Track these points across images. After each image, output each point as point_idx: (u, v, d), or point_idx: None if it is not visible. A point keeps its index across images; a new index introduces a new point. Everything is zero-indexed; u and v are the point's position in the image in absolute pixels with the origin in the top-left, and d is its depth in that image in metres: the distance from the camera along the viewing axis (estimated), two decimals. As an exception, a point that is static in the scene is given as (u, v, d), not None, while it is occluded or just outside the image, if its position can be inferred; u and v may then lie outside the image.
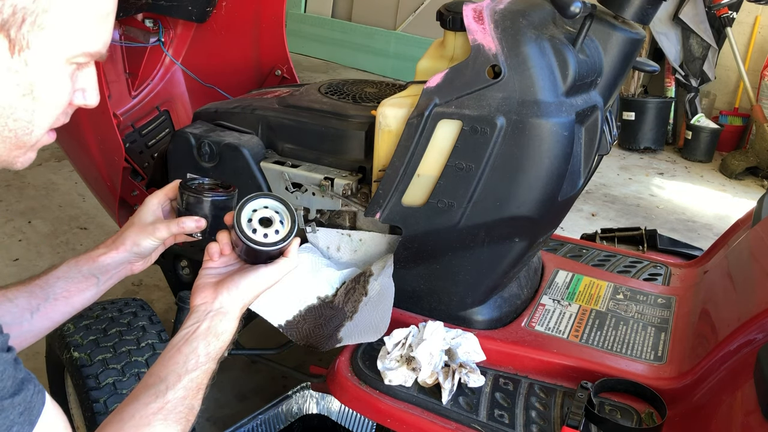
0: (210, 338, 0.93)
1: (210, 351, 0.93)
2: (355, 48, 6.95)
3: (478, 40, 1.18)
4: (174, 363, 0.89)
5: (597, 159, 1.43)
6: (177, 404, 0.86)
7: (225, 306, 0.96)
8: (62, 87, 0.73)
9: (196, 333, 0.93)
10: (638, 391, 1.24)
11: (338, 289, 1.45)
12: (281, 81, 2.15)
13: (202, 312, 0.96)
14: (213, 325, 0.94)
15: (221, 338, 0.95)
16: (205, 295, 0.97)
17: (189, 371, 0.89)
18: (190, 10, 2.07)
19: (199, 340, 0.92)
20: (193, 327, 0.94)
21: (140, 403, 0.84)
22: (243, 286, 0.98)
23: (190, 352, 0.91)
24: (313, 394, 1.65)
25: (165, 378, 0.87)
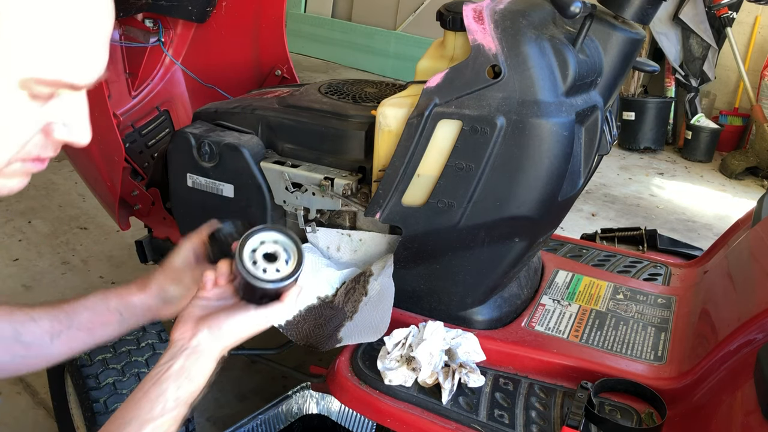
0: (182, 380, 0.85)
1: (180, 395, 0.85)
2: (355, 48, 6.95)
3: (478, 40, 1.19)
4: (139, 408, 0.82)
5: (597, 159, 1.43)
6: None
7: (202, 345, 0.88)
8: (16, 118, 0.61)
9: (167, 373, 0.85)
10: (638, 391, 1.24)
11: (338, 289, 1.45)
12: (281, 81, 2.15)
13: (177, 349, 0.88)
14: (187, 365, 0.86)
15: (194, 381, 0.87)
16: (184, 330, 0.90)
17: (154, 418, 0.81)
18: (190, 10, 2.07)
19: (170, 382, 0.85)
20: (165, 366, 0.86)
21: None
22: (226, 328, 0.90)
23: (158, 395, 0.83)
24: (313, 394, 1.65)
25: (126, 424, 0.80)
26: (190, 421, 1.57)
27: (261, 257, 0.92)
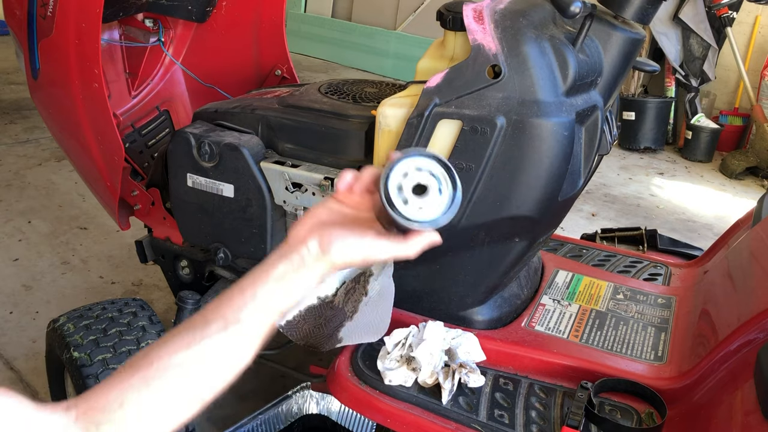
0: (277, 288, 0.77)
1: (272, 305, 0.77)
2: (355, 48, 6.95)
3: (478, 40, 1.18)
4: (229, 306, 0.76)
5: (597, 159, 1.43)
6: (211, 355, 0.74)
7: (306, 257, 0.77)
8: None
9: (268, 277, 0.77)
10: (638, 391, 1.24)
11: (338, 289, 1.45)
12: (281, 81, 2.15)
13: (285, 251, 0.79)
14: (288, 275, 0.77)
15: (290, 293, 0.78)
16: (299, 231, 0.79)
17: (239, 321, 0.75)
18: (190, 10, 2.07)
19: (266, 287, 0.77)
20: (269, 267, 0.78)
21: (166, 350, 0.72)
22: (338, 245, 0.77)
23: (251, 297, 0.76)
24: (313, 394, 1.65)
25: (212, 320, 0.75)
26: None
27: (410, 192, 0.75)
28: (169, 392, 0.72)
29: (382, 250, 0.78)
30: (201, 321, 0.76)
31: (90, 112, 1.66)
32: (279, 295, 0.77)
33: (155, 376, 0.71)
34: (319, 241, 0.77)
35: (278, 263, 0.78)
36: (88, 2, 1.50)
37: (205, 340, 0.74)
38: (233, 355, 0.77)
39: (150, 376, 0.70)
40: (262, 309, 0.77)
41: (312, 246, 0.77)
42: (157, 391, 0.71)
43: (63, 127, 1.87)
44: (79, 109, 1.67)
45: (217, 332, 0.75)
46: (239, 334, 0.76)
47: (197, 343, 0.74)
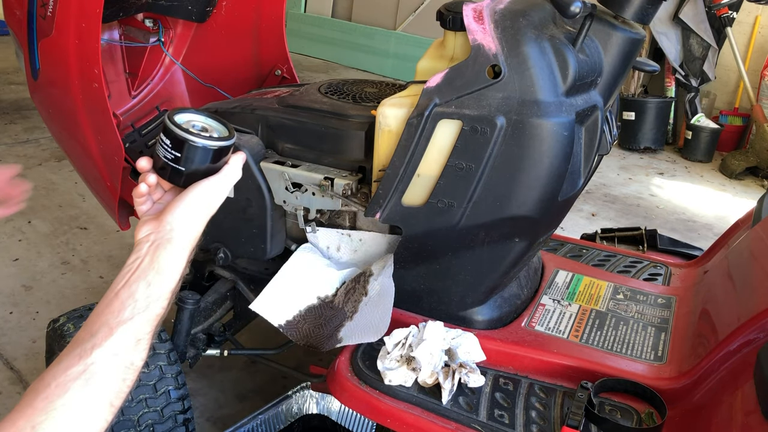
0: (151, 276, 0.80)
1: (151, 293, 0.79)
2: (355, 48, 6.95)
3: (478, 40, 1.18)
4: (108, 312, 0.77)
5: (597, 159, 1.43)
6: (105, 364, 0.73)
7: (173, 229, 0.82)
8: None
9: (135, 273, 0.80)
10: (638, 391, 1.24)
11: (338, 289, 1.45)
12: (281, 81, 2.15)
13: (143, 245, 0.82)
14: (156, 257, 0.80)
15: (165, 274, 0.80)
16: (148, 227, 0.83)
17: (123, 321, 0.76)
18: (190, 10, 2.07)
19: (139, 280, 0.79)
20: (133, 266, 0.81)
21: (60, 368, 0.72)
22: (188, 202, 0.83)
23: (127, 297, 0.78)
24: (313, 394, 1.65)
25: (95, 333, 0.75)
26: (190, 421, 1.57)
27: (193, 129, 0.85)
28: (73, 407, 0.70)
29: (219, 184, 0.86)
30: (86, 334, 0.76)
31: (90, 112, 1.66)
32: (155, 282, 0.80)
33: (57, 394, 0.70)
34: (171, 212, 0.83)
35: (139, 259, 0.81)
36: (88, 2, 1.50)
37: (95, 350, 0.74)
38: (125, 358, 0.76)
39: (52, 395, 0.70)
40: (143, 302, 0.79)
41: (166, 226, 0.83)
42: (62, 409, 0.70)
43: (63, 127, 1.87)
44: (79, 109, 1.67)
45: (104, 339, 0.75)
46: (127, 334, 0.77)
47: (88, 355, 0.73)
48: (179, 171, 0.84)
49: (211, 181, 0.87)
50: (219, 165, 0.88)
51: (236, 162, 0.91)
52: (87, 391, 0.71)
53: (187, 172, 0.85)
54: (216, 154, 0.86)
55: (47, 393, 0.70)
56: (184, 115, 0.87)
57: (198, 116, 0.88)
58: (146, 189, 0.88)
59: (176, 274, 0.83)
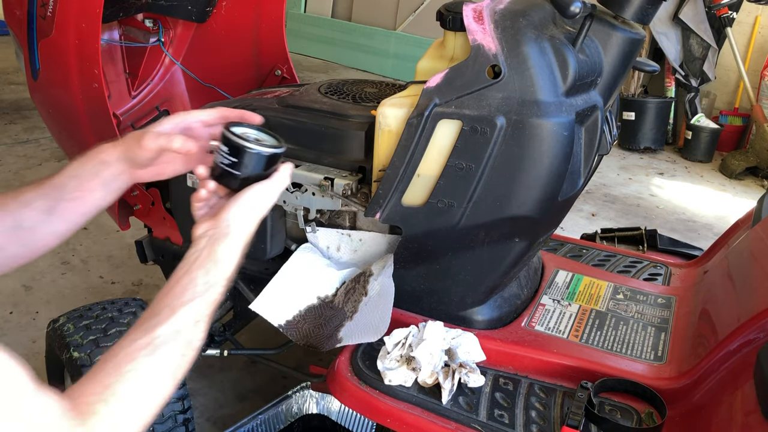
0: (209, 265, 0.89)
1: (209, 279, 0.88)
2: (355, 48, 6.95)
3: (478, 40, 1.19)
4: (171, 296, 0.86)
5: (597, 159, 1.43)
6: (168, 338, 0.81)
7: (230, 225, 0.92)
8: None
9: (195, 263, 0.89)
10: (638, 391, 1.24)
11: (338, 289, 1.45)
12: (281, 81, 2.15)
13: (202, 240, 0.91)
14: (214, 250, 0.90)
15: (222, 264, 0.89)
16: (207, 224, 0.93)
17: (185, 303, 0.84)
18: (190, 10, 2.07)
19: (199, 270, 0.88)
20: (192, 257, 0.90)
21: (128, 340, 0.79)
22: (244, 201, 0.93)
23: (188, 283, 0.87)
24: (313, 394, 1.65)
25: (158, 313, 0.83)
26: (190, 421, 1.57)
27: (248, 139, 0.95)
28: (141, 373, 0.77)
29: (271, 188, 0.96)
30: (150, 314, 0.84)
31: (90, 112, 1.66)
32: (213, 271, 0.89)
33: (126, 361, 0.77)
34: (228, 209, 0.92)
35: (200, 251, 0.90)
36: (88, 2, 1.50)
37: (159, 326, 0.82)
38: (185, 336, 0.84)
39: (121, 361, 0.77)
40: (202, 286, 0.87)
41: (223, 221, 0.92)
42: (131, 373, 0.76)
43: (63, 127, 1.87)
44: (79, 109, 1.67)
45: (167, 318, 0.83)
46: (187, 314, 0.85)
47: (153, 330, 0.81)
48: (235, 176, 0.95)
49: (264, 185, 0.96)
50: (270, 172, 0.97)
51: (285, 170, 0.99)
52: (152, 360, 0.78)
53: (242, 176, 0.95)
54: (268, 161, 0.96)
55: (116, 360, 0.76)
56: (240, 127, 0.97)
57: (251, 129, 0.98)
58: (206, 194, 0.98)
59: (232, 265, 0.91)
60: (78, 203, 1.02)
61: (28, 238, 1.01)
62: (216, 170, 0.96)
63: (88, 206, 1.03)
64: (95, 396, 0.72)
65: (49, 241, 1.03)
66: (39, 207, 1.00)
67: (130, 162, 1.02)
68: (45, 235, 1.02)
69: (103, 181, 1.02)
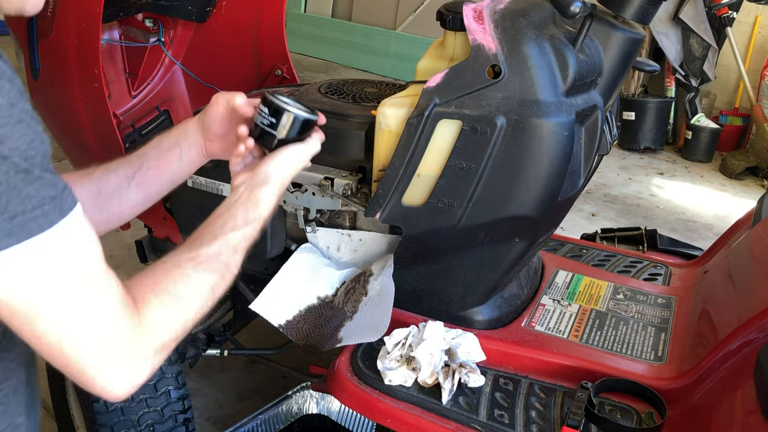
0: (249, 205, 0.95)
1: (249, 216, 0.94)
2: (355, 48, 6.95)
3: (478, 40, 1.18)
4: (211, 226, 0.92)
5: (597, 159, 1.43)
6: (210, 257, 0.87)
7: (268, 175, 0.98)
8: None
9: (236, 203, 0.95)
10: (638, 391, 1.24)
11: (338, 289, 1.45)
12: (281, 81, 2.15)
13: (241, 187, 0.98)
14: (253, 194, 0.96)
15: (261, 204, 0.96)
16: (245, 175, 0.99)
17: (226, 232, 0.91)
18: (190, 10, 2.07)
19: (239, 208, 0.95)
20: (232, 199, 0.96)
21: (174, 254, 0.86)
22: (282, 156, 1.00)
23: (229, 217, 0.93)
24: (313, 394, 1.65)
25: (201, 237, 0.90)
26: (190, 421, 1.57)
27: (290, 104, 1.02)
28: (187, 278, 0.83)
29: (305, 149, 1.04)
30: (193, 239, 0.90)
31: (90, 112, 1.66)
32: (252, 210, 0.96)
33: (174, 265, 0.84)
34: (268, 161, 0.99)
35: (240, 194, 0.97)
36: (88, 2, 1.50)
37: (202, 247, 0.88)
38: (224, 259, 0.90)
39: (170, 267, 0.84)
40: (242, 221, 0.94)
41: (265, 167, 0.99)
42: (180, 277, 0.83)
43: (63, 127, 1.87)
44: (79, 109, 1.67)
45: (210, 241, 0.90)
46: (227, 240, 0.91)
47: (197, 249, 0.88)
48: (273, 135, 1.02)
49: (298, 146, 1.03)
50: (303, 137, 1.04)
51: (317, 137, 1.07)
52: (197, 271, 0.85)
53: (279, 137, 1.02)
54: (303, 125, 1.03)
55: (165, 267, 0.83)
56: (281, 95, 1.03)
57: (290, 99, 1.04)
58: (244, 150, 1.02)
59: (269, 207, 0.98)
60: (155, 172, 1.07)
61: (106, 204, 1.04)
62: (256, 130, 1.02)
63: (164, 176, 1.08)
64: (147, 288, 0.78)
65: (124, 210, 1.07)
66: (122, 174, 1.05)
67: (204, 130, 1.09)
68: (121, 202, 1.05)
69: (180, 152, 1.08)
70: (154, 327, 0.76)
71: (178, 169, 1.10)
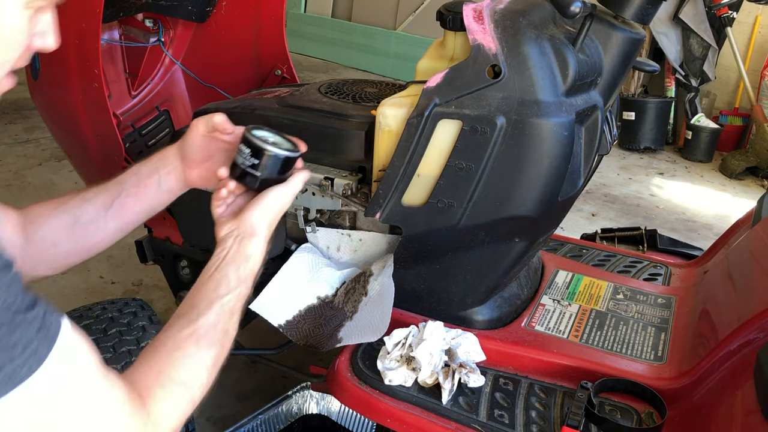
0: (239, 261, 0.94)
1: (241, 274, 0.93)
2: (355, 48, 6.95)
3: (478, 39, 1.19)
4: (205, 290, 0.91)
5: (597, 159, 1.43)
6: (209, 329, 0.86)
7: (254, 226, 0.97)
8: (20, 31, 0.71)
9: (225, 259, 0.94)
10: (638, 391, 1.24)
11: (338, 289, 1.45)
12: (281, 81, 2.15)
13: (229, 239, 0.96)
14: (242, 248, 0.95)
15: (251, 260, 0.95)
16: (230, 225, 0.97)
17: (221, 296, 0.90)
18: (190, 10, 2.07)
19: (229, 266, 0.93)
20: (222, 254, 0.95)
21: (172, 330, 0.85)
22: (266, 203, 0.98)
23: (221, 278, 0.92)
24: (313, 394, 1.65)
25: (197, 305, 0.88)
26: (191, 422, 1.57)
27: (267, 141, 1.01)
28: (188, 359, 0.83)
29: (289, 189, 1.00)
30: (189, 307, 0.89)
31: (90, 112, 1.66)
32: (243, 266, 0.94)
33: (174, 347, 0.83)
34: (252, 211, 0.97)
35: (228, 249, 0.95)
36: (88, 2, 1.50)
37: (200, 318, 0.87)
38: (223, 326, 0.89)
39: (171, 348, 0.83)
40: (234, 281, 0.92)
41: (249, 216, 0.96)
42: (182, 360, 0.82)
43: (63, 127, 1.87)
44: (79, 109, 1.67)
45: (206, 309, 0.88)
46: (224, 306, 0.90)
47: (195, 321, 0.86)
48: (255, 176, 1.00)
49: (281, 189, 1.00)
50: (287, 175, 1.03)
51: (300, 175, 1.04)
52: (198, 348, 0.84)
53: (261, 177, 1.00)
54: (285, 163, 1.01)
55: (166, 348, 0.82)
56: (260, 131, 1.02)
57: (269, 133, 1.03)
58: (226, 193, 1.01)
59: (258, 263, 0.97)
60: (134, 200, 1.05)
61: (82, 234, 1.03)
62: (237, 170, 1.00)
63: (142, 205, 1.06)
64: (152, 380, 0.78)
65: (101, 240, 1.05)
66: (99, 202, 1.03)
67: (183, 157, 1.06)
68: (99, 231, 1.04)
69: (158, 179, 1.06)
70: (164, 418, 0.77)
71: (157, 198, 1.08)
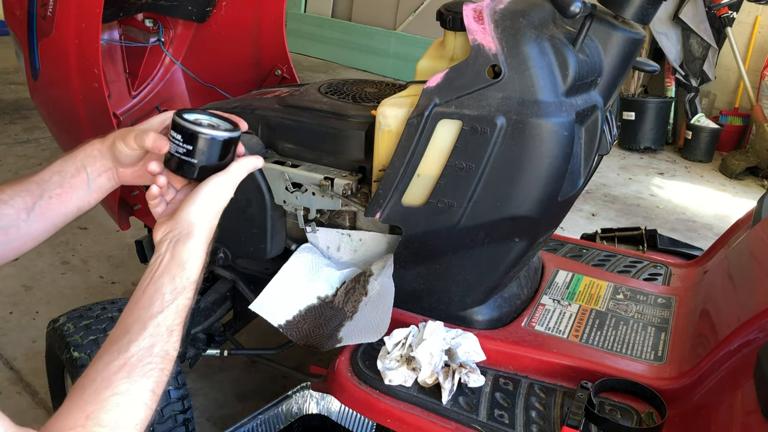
0: (174, 270, 0.84)
1: (177, 285, 0.83)
2: (355, 48, 6.95)
3: (478, 40, 1.18)
4: (138, 309, 0.81)
5: (597, 159, 1.43)
6: (143, 357, 0.77)
7: (190, 225, 0.87)
8: None
9: (159, 269, 0.84)
10: (638, 391, 1.24)
11: (338, 289, 1.45)
12: (281, 81, 2.15)
13: (163, 244, 0.86)
14: (177, 254, 0.85)
15: (186, 267, 0.85)
16: (165, 227, 0.87)
17: (154, 315, 0.80)
18: (190, 10, 2.08)
19: (164, 277, 0.83)
20: (155, 264, 0.85)
21: (102, 363, 0.76)
22: (203, 197, 0.88)
23: (154, 292, 0.82)
24: (313, 394, 1.65)
25: (129, 329, 0.79)
26: (190, 421, 1.57)
27: (201, 124, 0.90)
28: (120, 397, 0.75)
29: (230, 178, 0.91)
30: (121, 331, 0.80)
31: (90, 112, 1.66)
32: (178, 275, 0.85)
33: (103, 387, 0.75)
34: (186, 209, 0.87)
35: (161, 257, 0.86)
36: (88, 2, 1.50)
37: (132, 344, 0.78)
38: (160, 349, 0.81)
39: (99, 387, 0.74)
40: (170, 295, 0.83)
41: (183, 216, 0.87)
42: (111, 399, 0.74)
43: (63, 127, 1.87)
44: (79, 109, 1.67)
45: (139, 333, 0.79)
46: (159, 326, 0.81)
47: (126, 349, 0.78)
48: (192, 164, 0.90)
49: (220, 177, 0.91)
50: (228, 160, 0.92)
51: (245, 161, 0.94)
52: (131, 382, 0.75)
53: (199, 164, 0.90)
54: (224, 146, 0.91)
55: (95, 387, 0.74)
56: (191, 114, 0.91)
57: (203, 115, 0.93)
58: (158, 190, 0.91)
59: (197, 266, 0.87)
60: (58, 201, 0.96)
61: (3, 239, 0.93)
62: (172, 161, 0.90)
63: (69, 205, 0.98)
64: (78, 428, 0.70)
65: (24, 243, 0.97)
66: (18, 205, 0.94)
67: (114, 158, 0.97)
68: (20, 235, 0.95)
69: (87, 178, 0.97)
70: None
71: (85, 198, 0.99)
